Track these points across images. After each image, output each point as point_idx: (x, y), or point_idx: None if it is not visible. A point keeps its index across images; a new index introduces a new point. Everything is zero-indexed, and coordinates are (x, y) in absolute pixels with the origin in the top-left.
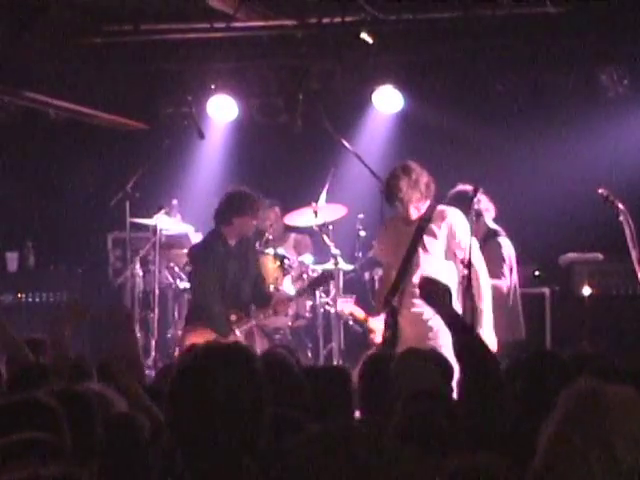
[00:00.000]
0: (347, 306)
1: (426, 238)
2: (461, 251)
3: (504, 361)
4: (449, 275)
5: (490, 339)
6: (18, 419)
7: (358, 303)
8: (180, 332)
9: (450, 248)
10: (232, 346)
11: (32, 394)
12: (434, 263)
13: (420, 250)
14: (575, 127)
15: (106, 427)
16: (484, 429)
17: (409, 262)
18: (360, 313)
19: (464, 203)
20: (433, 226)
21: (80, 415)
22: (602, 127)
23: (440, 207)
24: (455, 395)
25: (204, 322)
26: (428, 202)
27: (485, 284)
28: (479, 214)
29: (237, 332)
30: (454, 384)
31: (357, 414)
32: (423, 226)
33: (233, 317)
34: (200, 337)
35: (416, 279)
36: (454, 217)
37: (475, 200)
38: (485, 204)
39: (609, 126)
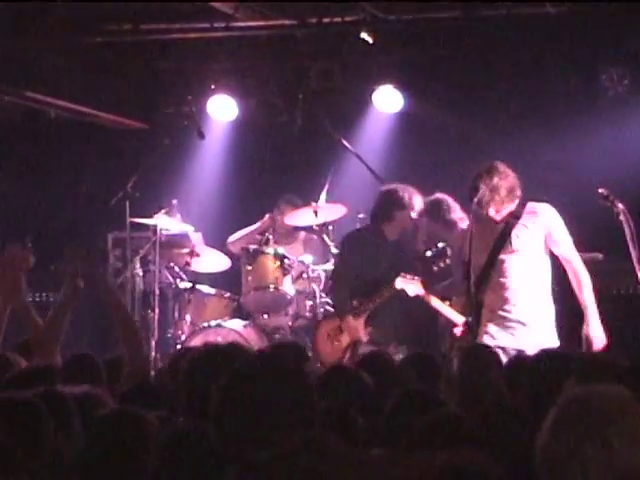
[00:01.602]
0: (413, 288)
1: (514, 236)
2: (557, 247)
3: None
4: (537, 273)
5: (598, 333)
6: None
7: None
8: None
9: (546, 244)
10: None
11: None
12: (521, 261)
13: (506, 248)
14: (575, 127)
15: (93, 427)
16: (480, 428)
17: (494, 260)
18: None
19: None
20: (524, 223)
21: (59, 418)
22: (602, 127)
23: (531, 203)
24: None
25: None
26: (514, 203)
27: (584, 278)
28: (453, 224)
29: (352, 318)
30: None
31: None
32: (511, 224)
33: (355, 303)
34: (326, 324)
35: (502, 278)
36: (547, 212)
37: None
38: (459, 213)
39: (609, 126)
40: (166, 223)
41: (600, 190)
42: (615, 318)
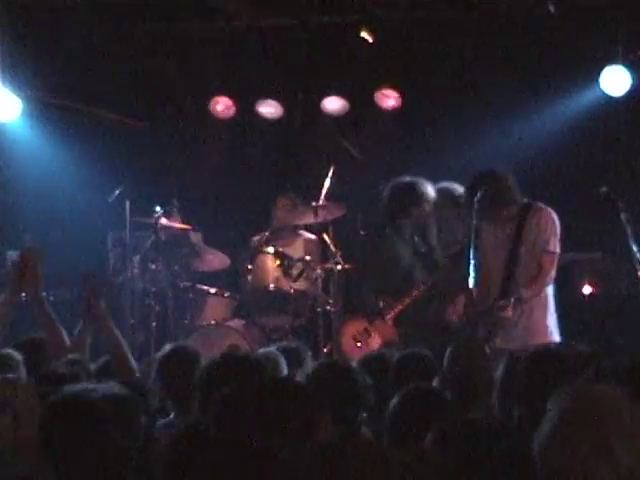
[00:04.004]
0: None
1: (522, 236)
2: (547, 247)
3: None
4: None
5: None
6: None
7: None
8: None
9: (537, 244)
10: None
11: None
12: (533, 260)
13: (520, 248)
14: (575, 127)
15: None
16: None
17: (515, 259)
18: None
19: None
20: (526, 222)
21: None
22: (603, 127)
23: (535, 204)
24: None
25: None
26: (516, 204)
27: (542, 279)
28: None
29: (382, 320)
30: None
31: None
32: (518, 225)
33: (381, 304)
34: (352, 326)
35: (520, 277)
36: (541, 213)
37: (476, 199)
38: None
39: (610, 126)
40: (166, 223)
41: (601, 189)
42: (615, 318)
